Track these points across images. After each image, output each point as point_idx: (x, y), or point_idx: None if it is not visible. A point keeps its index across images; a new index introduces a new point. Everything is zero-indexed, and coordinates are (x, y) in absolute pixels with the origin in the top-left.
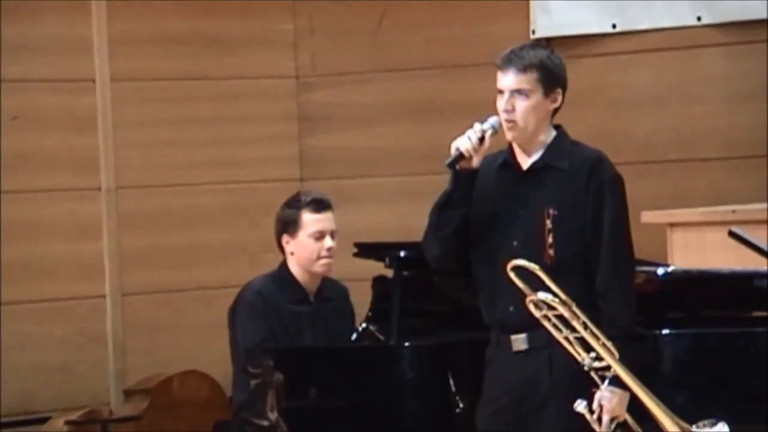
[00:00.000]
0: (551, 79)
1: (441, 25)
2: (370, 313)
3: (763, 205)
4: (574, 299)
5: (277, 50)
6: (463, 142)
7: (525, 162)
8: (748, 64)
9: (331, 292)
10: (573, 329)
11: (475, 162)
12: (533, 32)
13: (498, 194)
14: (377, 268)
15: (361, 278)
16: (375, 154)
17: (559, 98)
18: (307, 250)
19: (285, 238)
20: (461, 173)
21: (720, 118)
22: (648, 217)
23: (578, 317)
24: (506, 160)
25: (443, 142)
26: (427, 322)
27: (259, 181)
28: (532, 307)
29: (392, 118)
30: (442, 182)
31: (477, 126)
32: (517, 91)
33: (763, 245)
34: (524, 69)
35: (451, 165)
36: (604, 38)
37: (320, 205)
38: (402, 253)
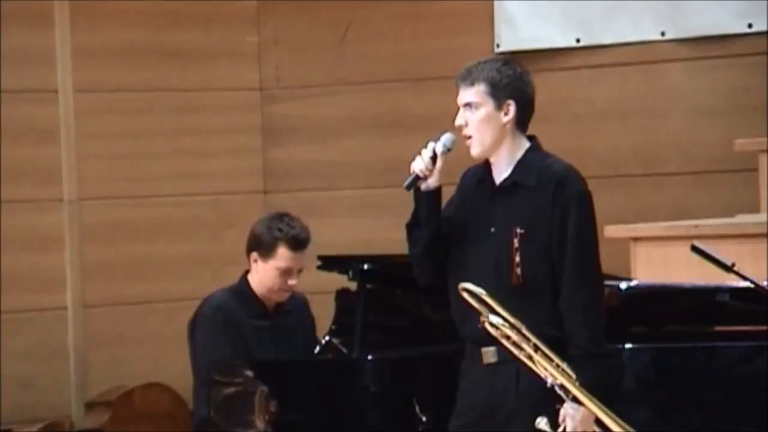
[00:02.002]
0: (501, 91)
1: (405, 39)
2: (333, 326)
3: (726, 220)
4: (543, 319)
5: (241, 62)
6: (417, 164)
7: (498, 178)
8: (712, 79)
9: (290, 305)
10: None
11: (432, 181)
12: (497, 46)
13: (474, 211)
14: (341, 281)
15: (324, 291)
16: (339, 167)
17: (512, 110)
18: (271, 279)
19: (254, 255)
20: (421, 194)
21: (683, 133)
22: (611, 231)
23: (529, 340)
24: (482, 175)
25: (407, 156)
26: (391, 335)
27: (223, 193)
28: (488, 327)
29: (356, 131)
30: (406, 195)
31: (430, 145)
32: (468, 105)
33: (725, 260)
34: (472, 83)
35: (410, 187)
36: (568, 52)
37: (298, 244)
38: (365, 266)
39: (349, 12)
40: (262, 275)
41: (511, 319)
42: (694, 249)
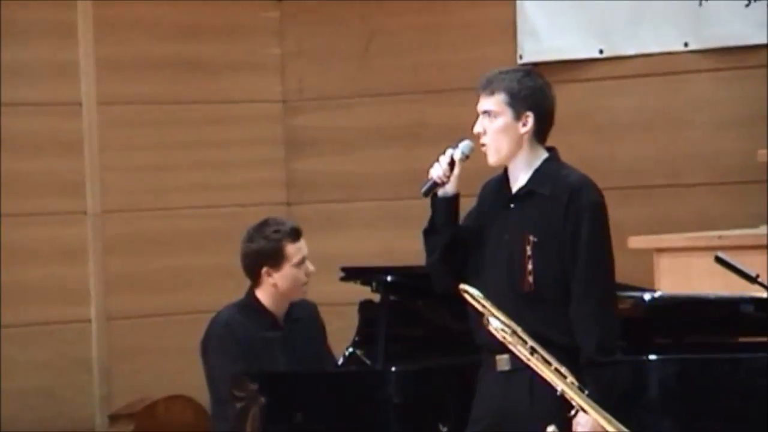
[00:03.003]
0: (520, 102)
1: (428, 50)
2: (356, 338)
3: (749, 231)
4: (556, 328)
5: (263, 74)
6: (435, 170)
7: (514, 186)
8: (735, 90)
9: (299, 312)
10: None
11: (450, 188)
12: (520, 57)
13: (491, 218)
14: (364, 292)
15: (347, 302)
16: (361, 179)
17: (530, 121)
18: (293, 279)
19: (265, 270)
20: (438, 200)
21: (706, 143)
22: (635, 242)
23: (525, 342)
24: (500, 184)
25: (428, 167)
26: (414, 346)
27: (246, 205)
28: (493, 331)
29: (379, 142)
30: (427, 207)
31: (448, 151)
32: (486, 113)
33: (748, 271)
34: (492, 92)
35: (427, 193)
36: (590, 63)
37: (298, 234)
38: (389, 278)
39: (371, 24)
40: (282, 282)
41: (507, 321)
42: (718, 260)
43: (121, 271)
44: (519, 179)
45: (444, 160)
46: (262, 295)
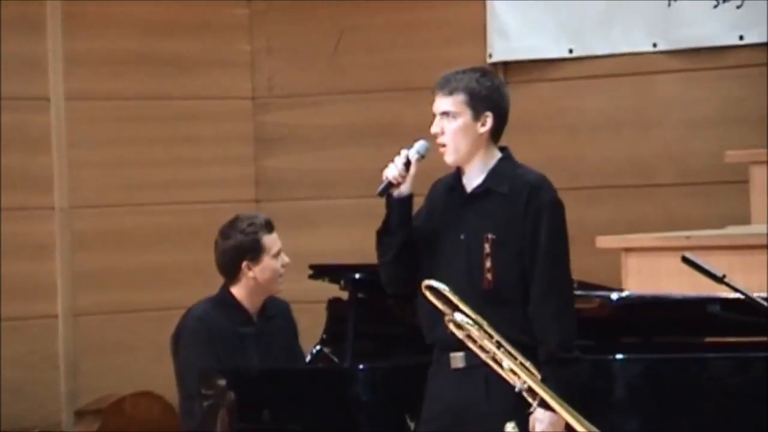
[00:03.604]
0: (479, 102)
1: (399, 49)
2: (324, 335)
3: (717, 232)
4: (514, 325)
5: (233, 71)
6: (390, 170)
7: (469, 185)
8: (704, 90)
9: (273, 310)
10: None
11: (405, 188)
12: (490, 56)
13: (444, 218)
14: (332, 290)
15: (316, 300)
16: (331, 176)
17: (489, 121)
18: (272, 271)
19: (245, 264)
20: (393, 200)
21: (675, 144)
22: (603, 242)
23: (491, 336)
24: (453, 183)
25: (383, 168)
26: (382, 344)
27: (215, 201)
28: (453, 327)
29: (349, 140)
30: None
31: (403, 152)
32: (445, 114)
33: (715, 271)
34: (451, 92)
35: (382, 193)
36: (560, 63)
37: (271, 225)
38: (357, 275)
39: (342, 21)
40: (262, 275)
41: (473, 315)
42: (685, 260)
43: (88, 267)
44: (474, 179)
45: (399, 160)
46: (238, 290)
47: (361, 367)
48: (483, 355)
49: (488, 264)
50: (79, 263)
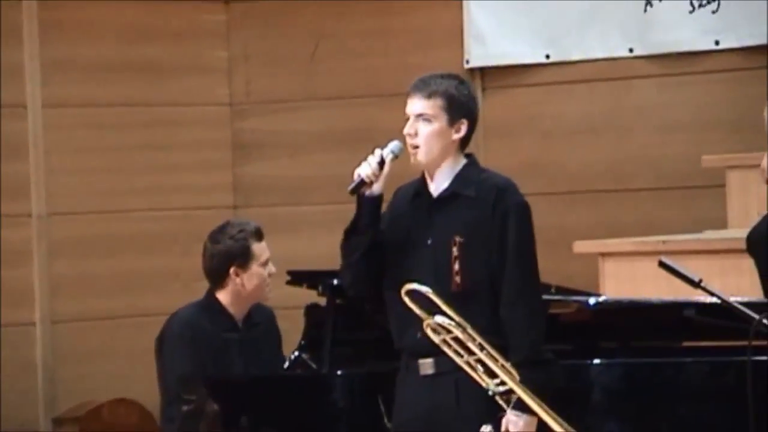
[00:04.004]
0: (456, 109)
1: (376, 55)
2: (302, 342)
3: (694, 236)
4: (482, 326)
5: (210, 77)
6: (363, 169)
7: (435, 190)
8: (680, 95)
9: (258, 317)
10: (471, 352)
11: (377, 187)
12: (467, 62)
13: (410, 222)
14: (310, 295)
15: (294, 306)
16: (309, 182)
17: (464, 128)
18: (260, 279)
19: (233, 270)
20: (365, 199)
21: (651, 148)
22: (580, 246)
23: (474, 339)
24: (418, 188)
25: (356, 166)
26: (360, 350)
27: (193, 208)
28: (430, 332)
29: (326, 146)
30: None
31: (377, 151)
32: (421, 116)
33: (692, 275)
34: (429, 95)
35: (354, 191)
36: (537, 68)
37: (261, 233)
38: (335, 281)
39: (319, 27)
40: (249, 282)
41: (457, 318)
42: (662, 265)
43: (66, 273)
44: (440, 184)
45: (373, 159)
46: (224, 296)
47: (339, 373)
48: (458, 360)
49: (456, 267)
50: (57, 270)
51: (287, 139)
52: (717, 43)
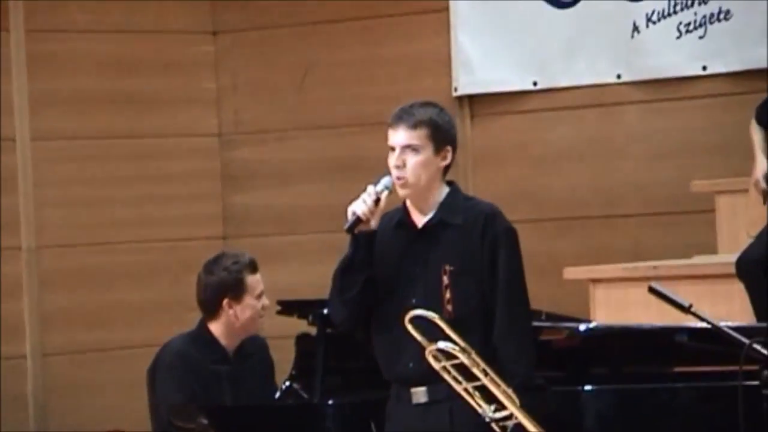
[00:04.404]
0: (441, 137)
1: (364, 83)
2: (293, 371)
3: (683, 261)
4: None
5: (199, 108)
6: (359, 207)
7: (420, 220)
8: (668, 120)
9: (250, 348)
10: (472, 379)
11: (373, 223)
12: (455, 90)
13: (395, 253)
14: (301, 325)
15: (284, 336)
16: (298, 212)
17: (449, 156)
18: (253, 311)
19: (226, 302)
20: (361, 236)
21: (640, 174)
22: (570, 273)
23: (478, 364)
24: (401, 219)
25: (348, 204)
26: (351, 379)
27: (182, 239)
28: (431, 359)
29: (316, 175)
30: None
31: (371, 188)
32: (408, 147)
33: (682, 301)
34: (414, 126)
35: (350, 229)
36: (525, 96)
37: (256, 265)
38: (325, 311)
39: (307, 57)
40: (242, 314)
41: (462, 343)
42: (652, 290)
43: (56, 306)
44: (424, 213)
45: (369, 197)
46: (216, 328)
47: (330, 402)
48: (457, 387)
49: (448, 295)
50: (47, 303)
51: (277, 168)
52: (704, 68)
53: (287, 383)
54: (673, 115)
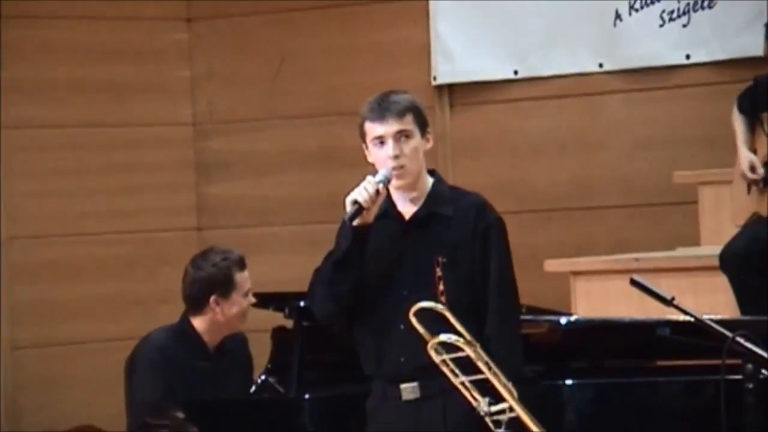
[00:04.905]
0: (422, 120)
1: (341, 72)
2: (269, 365)
3: (666, 254)
4: None
5: (173, 97)
6: (361, 194)
7: (407, 211)
8: (650, 111)
9: (231, 344)
10: (472, 372)
11: (370, 216)
12: (434, 78)
13: (381, 245)
14: (277, 318)
15: (260, 329)
16: (274, 203)
17: (431, 138)
18: (239, 308)
19: (214, 299)
20: (359, 229)
21: (622, 165)
22: (551, 265)
23: (482, 357)
24: (386, 210)
25: (343, 190)
26: (328, 373)
27: (156, 230)
28: (432, 353)
29: (291, 165)
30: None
31: (370, 178)
32: (401, 133)
33: (664, 294)
34: (402, 113)
35: (352, 219)
36: (505, 85)
37: (244, 262)
38: (302, 303)
39: (282, 46)
40: (229, 312)
41: (467, 335)
42: (634, 283)
43: (27, 299)
44: (412, 204)
45: (371, 186)
46: (199, 323)
47: (306, 396)
48: (454, 380)
49: (441, 287)
50: (18, 295)
51: (251, 158)
52: (688, 57)
53: (263, 377)
54: (655, 105)
